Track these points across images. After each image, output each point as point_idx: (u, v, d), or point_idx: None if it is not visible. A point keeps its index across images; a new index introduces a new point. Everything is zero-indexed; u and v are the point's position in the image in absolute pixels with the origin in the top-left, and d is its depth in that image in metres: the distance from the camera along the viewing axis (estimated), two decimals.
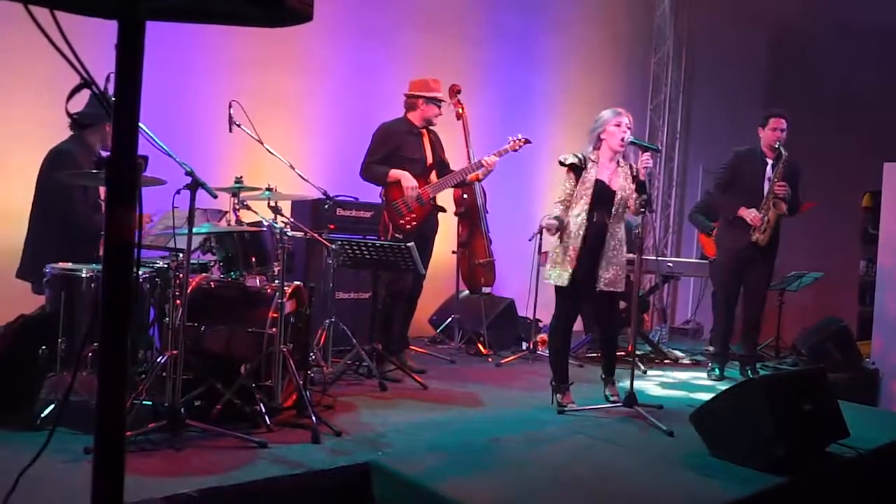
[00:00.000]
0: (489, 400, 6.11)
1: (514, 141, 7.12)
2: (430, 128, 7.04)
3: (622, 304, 7.08)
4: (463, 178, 7.04)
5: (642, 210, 5.79)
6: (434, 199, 6.93)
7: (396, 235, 6.68)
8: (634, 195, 5.76)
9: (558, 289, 5.81)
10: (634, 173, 5.79)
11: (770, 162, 7.30)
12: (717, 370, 7.55)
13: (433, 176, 6.97)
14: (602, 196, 5.71)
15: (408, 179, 6.73)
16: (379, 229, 7.03)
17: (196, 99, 7.26)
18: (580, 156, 5.76)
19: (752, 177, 7.35)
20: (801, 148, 7.27)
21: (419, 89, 6.94)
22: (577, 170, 5.74)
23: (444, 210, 7.13)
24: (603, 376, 6.03)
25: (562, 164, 5.78)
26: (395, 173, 6.74)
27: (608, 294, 5.79)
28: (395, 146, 6.80)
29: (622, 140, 5.71)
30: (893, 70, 10.01)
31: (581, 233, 5.67)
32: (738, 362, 7.69)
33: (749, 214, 7.24)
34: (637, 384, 5.66)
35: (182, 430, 4.32)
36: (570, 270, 5.67)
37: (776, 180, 7.18)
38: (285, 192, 5.67)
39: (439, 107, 6.97)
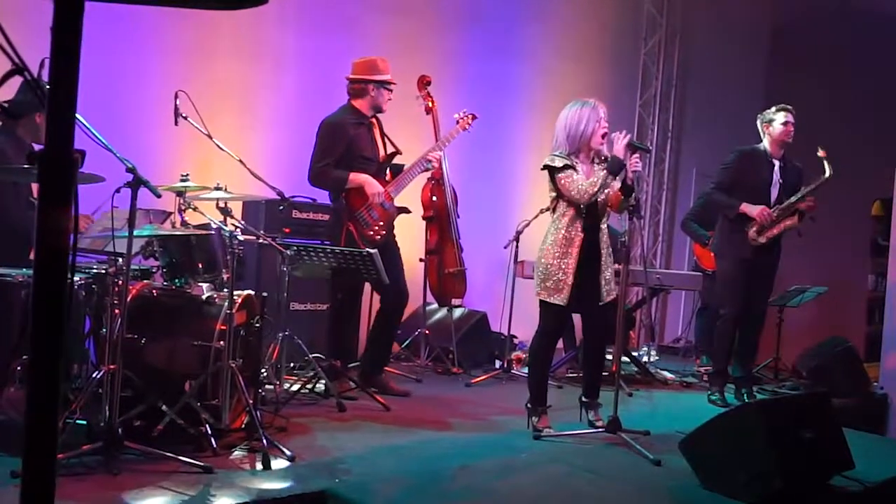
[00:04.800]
0: (458, 423, 6.12)
1: (462, 119, 7.09)
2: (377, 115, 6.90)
3: None
4: (416, 175, 6.98)
5: (630, 209, 5.77)
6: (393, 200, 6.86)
7: (369, 250, 6.53)
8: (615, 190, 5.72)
9: (548, 305, 5.72)
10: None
11: (778, 163, 7.32)
12: (717, 395, 7.46)
13: (388, 173, 6.89)
14: (590, 204, 5.67)
15: (372, 186, 6.60)
16: (341, 242, 6.64)
17: (139, 88, 7.23)
18: (565, 156, 5.66)
19: (758, 179, 7.33)
20: (805, 150, 7.30)
21: (367, 72, 6.74)
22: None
23: (408, 211, 7.09)
24: (585, 399, 5.97)
25: (552, 167, 5.62)
26: (356, 178, 6.59)
27: (602, 306, 5.81)
28: (349, 143, 6.64)
29: (603, 136, 5.69)
30: None
31: (577, 246, 5.63)
32: (733, 385, 7.67)
33: (755, 209, 7.18)
34: (621, 408, 5.68)
35: (119, 453, 4.28)
36: (569, 287, 5.61)
37: (807, 195, 7.20)
38: (236, 191, 5.65)
39: (391, 90, 6.80)
